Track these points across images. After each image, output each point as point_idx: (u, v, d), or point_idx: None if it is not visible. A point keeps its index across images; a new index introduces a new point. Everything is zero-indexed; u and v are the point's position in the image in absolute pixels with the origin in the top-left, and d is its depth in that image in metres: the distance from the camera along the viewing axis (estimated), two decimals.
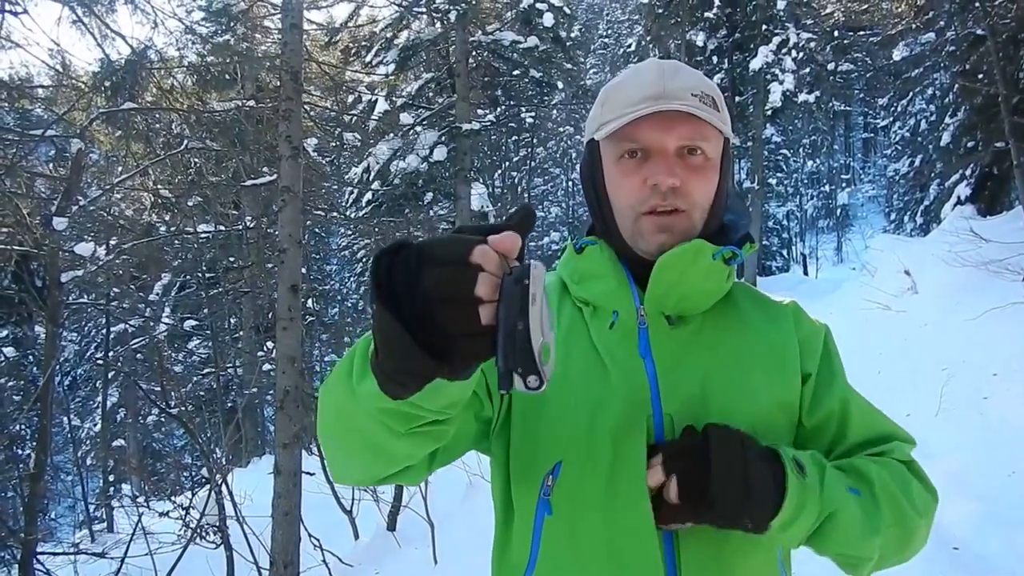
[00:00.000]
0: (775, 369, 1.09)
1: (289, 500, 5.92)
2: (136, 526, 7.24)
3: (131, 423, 18.27)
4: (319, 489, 7.04)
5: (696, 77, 1.08)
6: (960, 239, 8.33)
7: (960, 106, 12.68)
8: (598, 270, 1.12)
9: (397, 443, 0.87)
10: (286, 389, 5.88)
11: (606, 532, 1.01)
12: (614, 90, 1.10)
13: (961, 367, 6.24)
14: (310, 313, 17.55)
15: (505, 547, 1.12)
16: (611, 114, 1.07)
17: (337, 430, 0.94)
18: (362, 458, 0.96)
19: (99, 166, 11.32)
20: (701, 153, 1.05)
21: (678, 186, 1.03)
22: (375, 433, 0.85)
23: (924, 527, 1.08)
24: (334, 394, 0.90)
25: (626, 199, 1.07)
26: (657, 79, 1.05)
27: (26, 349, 14.26)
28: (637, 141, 1.05)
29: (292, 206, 5.91)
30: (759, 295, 1.19)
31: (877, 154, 34.69)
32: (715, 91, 1.08)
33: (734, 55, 17.94)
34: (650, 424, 1.02)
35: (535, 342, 0.64)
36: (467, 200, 12.13)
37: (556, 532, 1.04)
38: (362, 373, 0.81)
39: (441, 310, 0.66)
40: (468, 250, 0.66)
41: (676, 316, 1.09)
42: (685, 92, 1.03)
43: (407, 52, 12.39)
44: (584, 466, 1.03)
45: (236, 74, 11.48)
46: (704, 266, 1.05)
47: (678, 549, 1.00)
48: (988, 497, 4.37)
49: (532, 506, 1.06)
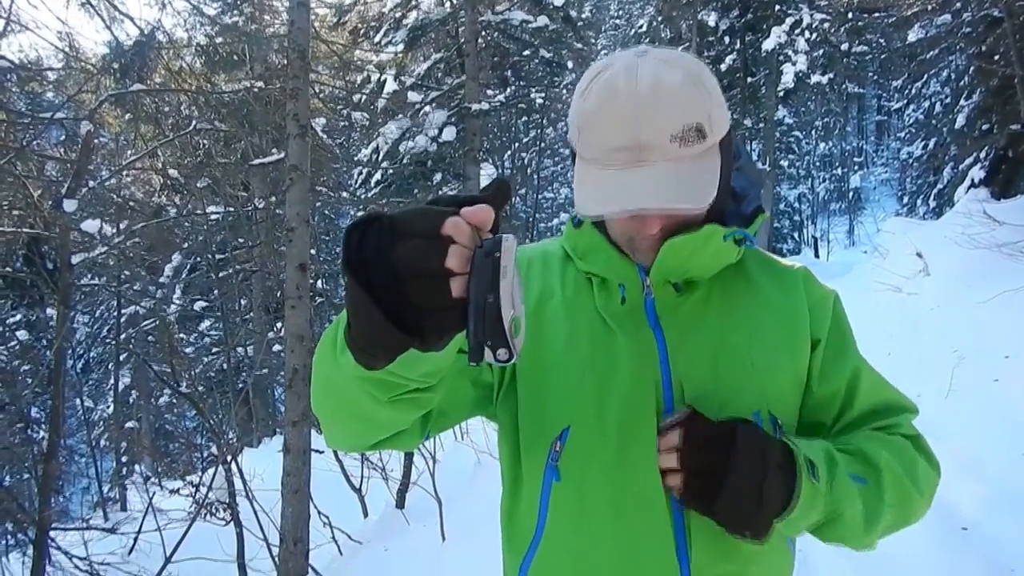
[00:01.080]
0: (785, 335, 1.08)
1: (298, 478, 5.94)
2: (148, 505, 7.31)
3: (143, 405, 18.40)
4: (328, 467, 7.08)
5: (676, 106, 0.93)
6: (973, 221, 8.27)
7: (975, 88, 12.55)
8: (598, 243, 1.10)
9: (381, 410, 0.87)
10: (295, 368, 5.89)
11: (615, 498, 1.01)
12: (588, 119, 0.98)
13: (972, 349, 6.20)
14: (320, 293, 17.57)
15: (514, 514, 1.12)
16: (586, 151, 0.98)
17: (326, 399, 0.95)
18: (351, 425, 0.97)
19: (108, 148, 11.35)
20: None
21: (666, 224, 1.01)
22: (360, 401, 0.86)
23: (924, 504, 1.08)
24: (321, 364, 0.90)
25: (616, 227, 1.07)
26: (632, 120, 0.92)
27: (39, 332, 14.37)
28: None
29: (300, 185, 5.89)
30: (769, 260, 1.17)
31: (890, 137, 34.39)
32: (700, 104, 0.95)
33: (746, 36, 17.78)
34: (659, 390, 1.02)
35: (505, 316, 0.64)
36: (476, 181, 12.09)
37: (564, 498, 1.04)
38: (342, 346, 0.81)
39: (412, 283, 0.66)
40: (439, 222, 0.66)
41: (683, 283, 1.07)
42: (663, 137, 0.92)
43: (416, 32, 12.33)
44: (592, 432, 1.02)
45: (244, 55, 11.46)
46: (714, 248, 1.04)
47: (688, 515, 1.00)
48: (997, 479, 4.35)
49: (540, 472, 1.05)
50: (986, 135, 11.57)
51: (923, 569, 3.65)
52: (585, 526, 1.03)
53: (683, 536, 1.00)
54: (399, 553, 5.91)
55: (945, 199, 15.22)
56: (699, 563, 1.00)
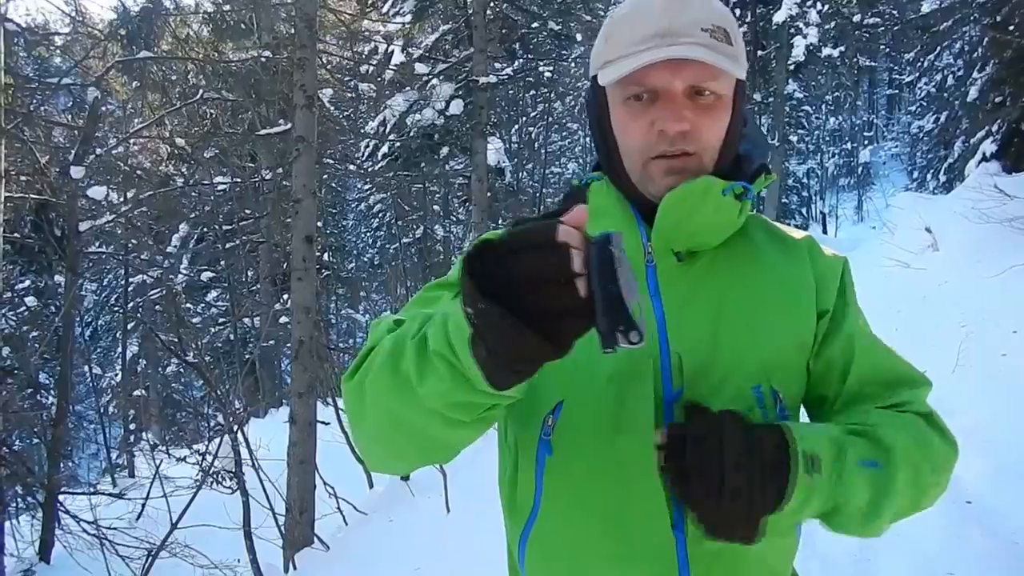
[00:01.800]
0: (789, 306, 1.05)
1: (304, 448, 5.99)
2: (155, 472, 7.38)
3: (151, 373, 18.53)
4: (334, 438, 7.13)
5: (706, 7, 1.00)
6: (984, 196, 8.20)
7: (988, 60, 12.37)
8: (603, 207, 1.09)
9: (458, 433, 0.88)
10: (301, 339, 5.91)
11: (608, 472, 0.99)
12: (618, 24, 1.03)
13: (980, 324, 6.17)
14: (326, 266, 17.61)
15: (512, 488, 1.10)
16: (615, 52, 1.01)
17: (386, 431, 0.93)
18: (413, 451, 0.97)
19: (116, 116, 11.33)
20: (711, 93, 1.00)
21: (687, 130, 0.98)
22: (433, 428, 0.86)
23: (941, 485, 1.05)
24: (381, 394, 0.89)
25: (634, 143, 1.02)
26: (664, 12, 0.97)
27: (47, 298, 14.43)
28: (643, 84, 0.99)
29: (306, 156, 5.88)
30: (775, 229, 1.15)
31: (901, 111, 34.09)
32: (728, 20, 1.00)
33: (757, 8, 17.54)
34: (657, 363, 0.99)
35: (629, 301, 0.68)
36: (483, 155, 12.02)
37: (557, 472, 1.02)
38: (421, 374, 0.81)
39: (544, 291, 0.69)
40: (553, 232, 0.69)
41: (686, 252, 1.05)
42: (695, 27, 0.96)
43: (424, 3, 12.23)
44: (586, 406, 1.00)
45: (252, 24, 11.39)
46: (713, 203, 1.01)
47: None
48: (1003, 453, 4.34)
49: (534, 447, 1.04)
50: (998, 108, 11.43)
51: (926, 542, 3.66)
52: (578, 500, 1.01)
53: (679, 510, 0.97)
54: (404, 524, 5.96)
55: (956, 173, 15.10)
56: (695, 537, 0.97)
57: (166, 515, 6.56)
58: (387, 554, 5.47)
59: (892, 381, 1.08)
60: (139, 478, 10.49)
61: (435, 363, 0.79)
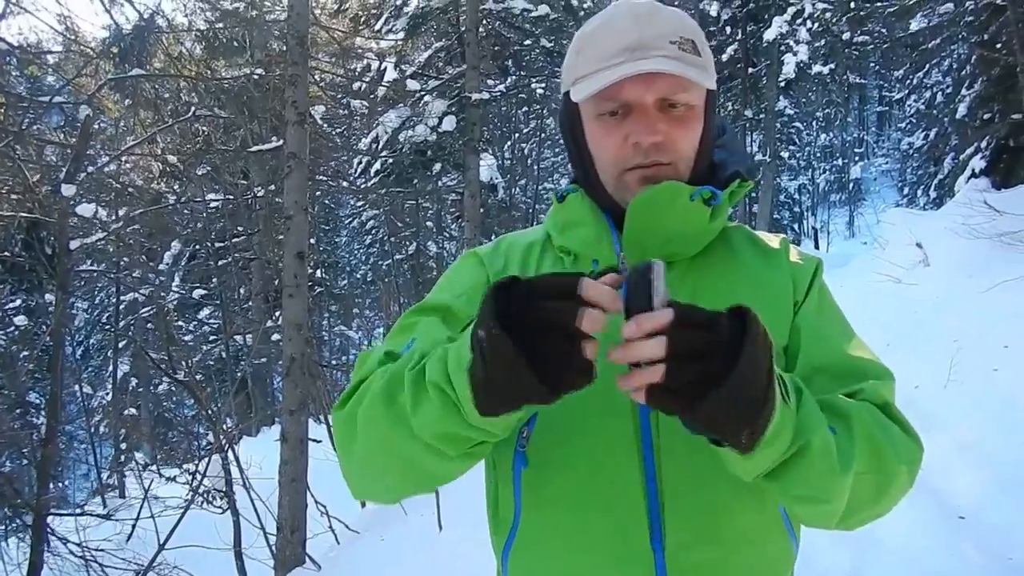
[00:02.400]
0: (767, 310, 1.03)
1: (295, 466, 5.95)
2: (146, 492, 7.32)
3: (143, 392, 18.41)
4: (326, 456, 7.06)
5: (675, 20, 1.02)
6: (974, 211, 8.24)
7: (977, 77, 12.48)
8: (579, 218, 1.10)
9: (446, 466, 0.91)
10: (292, 356, 5.89)
11: (583, 485, 0.99)
12: (588, 39, 1.06)
13: (972, 339, 6.19)
14: (319, 283, 17.57)
15: (494, 504, 1.11)
16: (586, 67, 1.03)
17: (376, 458, 0.95)
18: (402, 481, 0.99)
19: (108, 134, 11.32)
20: (683, 105, 1.02)
21: (660, 142, 1.00)
22: (422, 459, 0.89)
23: (906, 475, 0.97)
24: (374, 424, 0.91)
25: (608, 156, 1.04)
26: (632, 26, 1.00)
27: (38, 317, 14.35)
28: (616, 99, 1.01)
29: (298, 172, 5.88)
30: (755, 237, 1.16)
31: (891, 127, 34.29)
32: (695, 32, 1.03)
33: (748, 25, 17.68)
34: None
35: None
36: (476, 171, 12.04)
37: (533, 484, 1.02)
38: (416, 404, 0.85)
39: (554, 340, 0.73)
40: (575, 284, 0.73)
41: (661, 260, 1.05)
42: (663, 40, 0.99)
43: (417, 20, 12.28)
44: (560, 417, 0.99)
45: (245, 42, 11.41)
46: (681, 208, 1.02)
47: (663, 501, 0.97)
48: (996, 468, 4.34)
49: (509, 459, 1.04)
50: (987, 124, 11.51)
51: (921, 558, 3.65)
52: (556, 513, 1.01)
53: (657, 521, 0.97)
54: (396, 542, 5.91)
55: (946, 189, 15.19)
56: (675, 550, 0.96)
57: (156, 536, 6.50)
58: (379, 573, 5.42)
59: (844, 373, 1.02)
60: (130, 498, 10.39)
61: (430, 393, 0.83)
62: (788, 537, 1.05)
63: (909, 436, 1.00)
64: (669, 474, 0.97)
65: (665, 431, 0.98)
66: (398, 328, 1.09)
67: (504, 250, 1.17)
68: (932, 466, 4.39)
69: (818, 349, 1.03)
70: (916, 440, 1.01)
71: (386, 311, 18.68)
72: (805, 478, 0.86)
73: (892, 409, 1.01)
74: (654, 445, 0.98)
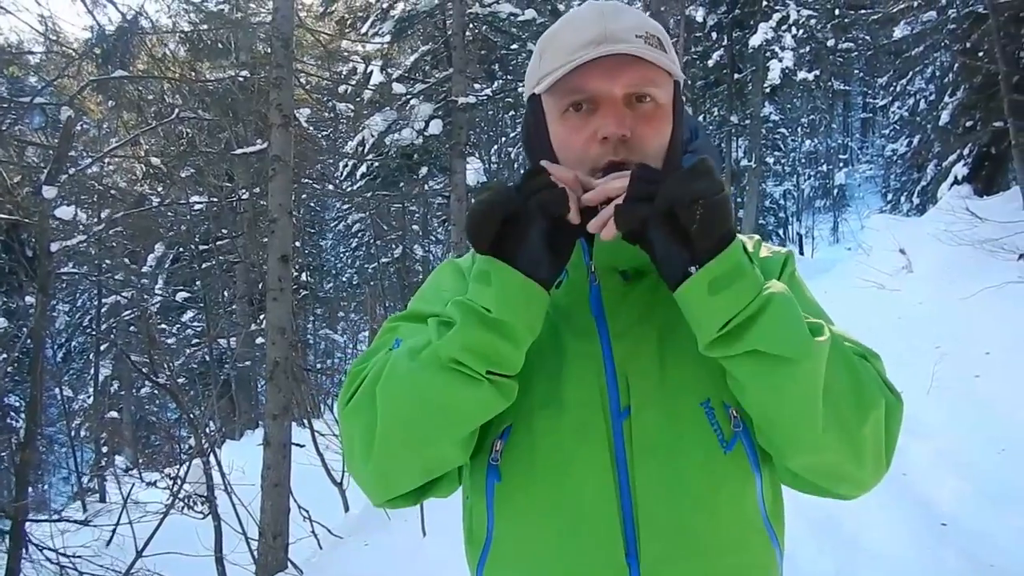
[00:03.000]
0: None
1: (278, 471, 5.91)
2: (126, 497, 7.24)
3: (124, 395, 18.26)
4: (309, 461, 7.04)
5: (639, 17, 1.01)
6: (956, 218, 8.32)
7: (959, 85, 12.59)
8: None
9: (477, 393, 0.90)
10: (276, 360, 5.84)
11: (559, 499, 0.97)
12: (552, 38, 1.03)
13: (954, 345, 6.23)
14: (304, 286, 17.51)
15: (468, 518, 1.09)
16: (551, 64, 1.00)
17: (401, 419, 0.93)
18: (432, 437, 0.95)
19: (91, 135, 11.23)
20: (651, 100, 0.99)
21: (628, 137, 0.97)
22: (453, 391, 0.90)
23: (888, 415, 0.96)
24: (397, 380, 0.93)
25: (574, 157, 1.00)
26: (597, 21, 0.98)
27: (18, 319, 14.20)
28: (582, 91, 0.98)
29: (283, 175, 5.84)
30: None
31: (875, 134, 34.52)
32: (661, 31, 1.01)
33: (734, 32, 17.77)
34: (602, 383, 0.98)
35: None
36: (463, 174, 12.04)
37: (505, 499, 1.00)
38: (440, 332, 0.91)
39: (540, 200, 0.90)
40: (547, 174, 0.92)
41: (632, 271, 1.03)
42: (629, 33, 0.96)
43: (403, 23, 12.27)
44: (533, 430, 0.98)
45: (229, 44, 11.35)
46: None
47: (637, 515, 0.95)
48: (978, 474, 4.36)
49: (482, 473, 1.02)
50: (969, 132, 11.61)
51: (903, 565, 3.66)
52: (530, 528, 0.99)
53: (632, 536, 0.95)
54: (379, 548, 5.87)
55: (929, 196, 15.29)
56: (651, 564, 0.94)
57: (135, 542, 6.43)
58: None
59: None
60: (110, 503, 10.30)
61: (452, 315, 0.91)
62: (770, 544, 1.03)
63: (891, 390, 1.00)
64: (643, 487, 0.95)
65: (639, 445, 0.96)
66: (383, 331, 1.09)
67: None
68: (915, 472, 4.42)
69: None
70: (897, 395, 1.00)
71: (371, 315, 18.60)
72: (773, 331, 0.86)
73: (874, 364, 1.02)
74: (627, 459, 0.96)
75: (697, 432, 0.96)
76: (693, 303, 0.88)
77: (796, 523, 3.88)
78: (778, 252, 1.12)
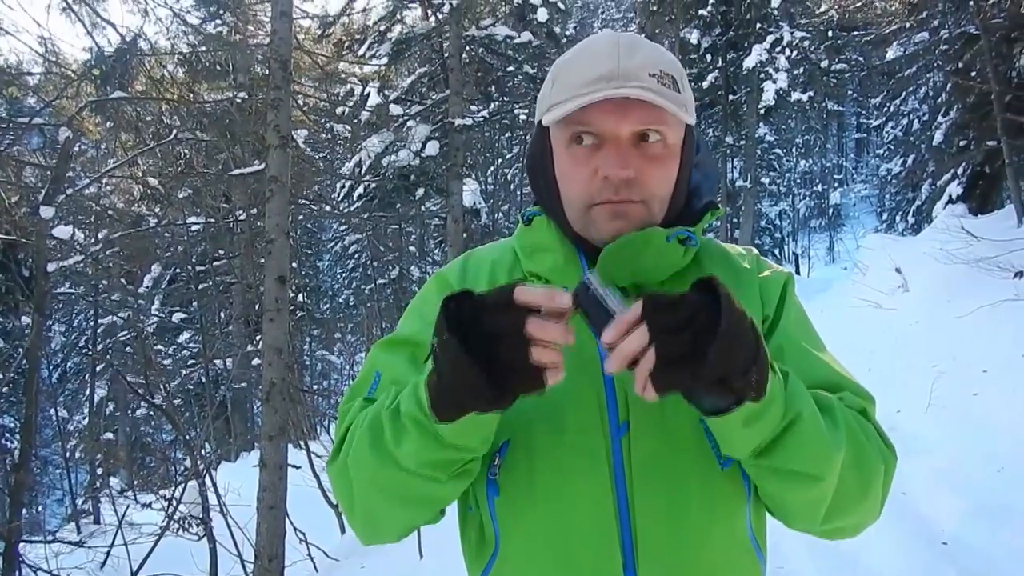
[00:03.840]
0: None
1: (274, 493, 5.86)
2: (122, 518, 7.18)
3: (120, 416, 18.17)
4: (305, 483, 6.99)
5: (655, 53, 0.99)
6: (952, 237, 8.35)
7: (953, 105, 12.70)
8: (546, 243, 1.07)
9: (443, 489, 0.94)
10: (272, 381, 5.81)
11: (558, 512, 0.97)
12: (565, 67, 1.02)
13: (951, 364, 6.23)
14: (301, 307, 17.48)
15: (479, 529, 1.07)
16: (561, 94, 0.99)
17: (375, 498, 0.98)
18: (405, 515, 1.02)
19: (88, 156, 11.26)
20: (660, 140, 0.98)
21: (632, 178, 0.96)
22: (419, 487, 0.92)
23: (884, 475, 0.97)
24: (365, 467, 0.95)
25: (576, 190, 1.00)
26: (611, 56, 0.96)
27: (14, 340, 14.15)
28: (588, 125, 0.97)
29: (280, 196, 5.84)
30: (727, 254, 1.13)
31: (870, 154, 34.76)
32: (676, 68, 0.99)
33: (728, 54, 17.93)
34: (601, 399, 0.98)
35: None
36: (459, 196, 12.07)
37: (506, 512, 1.00)
38: (397, 440, 0.89)
39: (502, 345, 0.77)
40: (510, 292, 0.78)
41: (632, 286, 1.03)
42: (642, 72, 0.95)
43: (400, 46, 12.33)
44: (532, 444, 0.98)
45: (228, 65, 11.41)
46: (656, 249, 1.00)
47: (635, 531, 0.95)
48: (977, 493, 4.35)
49: (482, 488, 1.02)
50: (963, 151, 11.70)
51: None
52: (529, 544, 0.99)
53: (631, 555, 0.95)
54: (376, 570, 5.84)
55: (923, 215, 15.39)
56: None
57: (129, 564, 6.38)
58: None
59: (826, 387, 1.01)
60: (104, 525, 10.21)
61: (407, 425, 0.87)
62: (758, 561, 1.04)
63: (885, 443, 1.00)
64: (642, 508, 0.95)
65: (638, 464, 0.96)
66: (369, 358, 1.12)
67: (472, 269, 1.15)
68: (915, 491, 4.40)
69: (796, 369, 0.99)
70: (892, 448, 1.01)
71: (368, 336, 18.60)
72: (798, 450, 0.88)
73: (871, 418, 1.02)
74: (626, 478, 0.96)
75: (695, 449, 0.97)
76: (725, 431, 0.88)
77: (795, 542, 3.87)
78: (778, 272, 1.12)
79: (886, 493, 1.00)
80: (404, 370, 1.04)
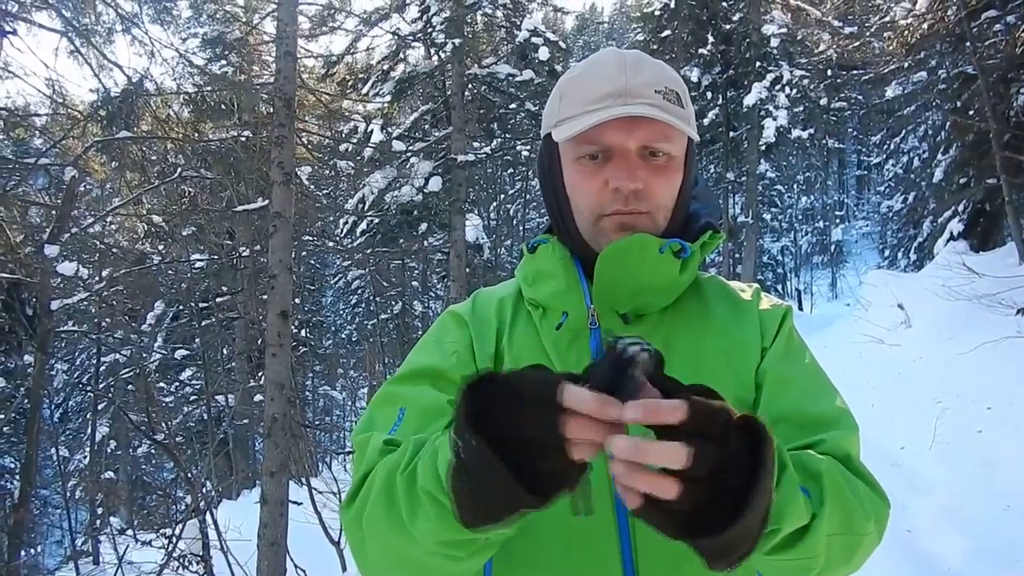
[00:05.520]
0: (736, 364, 1.04)
1: (275, 530, 5.82)
2: (121, 557, 7.11)
3: (121, 455, 18.07)
4: (306, 519, 6.94)
5: (659, 71, 1.04)
6: (953, 273, 8.35)
7: (952, 143, 12.78)
8: (549, 269, 1.09)
9: (459, 566, 0.86)
10: (274, 416, 5.81)
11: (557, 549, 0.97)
12: (573, 83, 1.06)
13: (955, 400, 6.20)
14: (303, 343, 17.47)
15: None
16: (570, 111, 1.03)
17: (389, 562, 0.92)
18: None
19: (93, 195, 11.35)
20: (664, 154, 1.02)
21: (640, 189, 1.00)
22: (434, 562, 0.84)
23: (874, 533, 0.94)
24: (378, 531, 0.89)
25: (586, 202, 1.04)
26: (618, 73, 1.01)
27: (16, 379, 14.13)
28: (597, 143, 1.01)
29: (283, 232, 5.89)
30: (728, 289, 1.15)
31: (871, 191, 34.88)
32: (679, 85, 1.04)
33: (728, 91, 18.10)
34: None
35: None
36: (462, 231, 12.14)
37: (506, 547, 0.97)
38: (412, 513, 0.81)
39: (537, 448, 0.66)
40: (555, 391, 0.65)
41: (633, 314, 1.05)
42: (648, 89, 1.00)
43: (403, 84, 12.49)
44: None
45: (232, 104, 11.55)
46: (651, 260, 1.02)
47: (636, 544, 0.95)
48: (981, 530, 4.31)
49: None
50: (964, 189, 11.75)
51: None
52: (526, 564, 0.99)
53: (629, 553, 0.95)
54: None
55: (925, 252, 15.40)
56: None
57: None
58: None
59: (806, 423, 0.99)
60: (104, 564, 10.11)
61: (424, 502, 0.79)
62: None
63: (875, 492, 0.98)
64: (643, 540, 0.95)
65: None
66: (383, 397, 1.06)
67: (480, 307, 1.15)
68: (920, 528, 4.36)
69: (781, 398, 1.01)
70: (882, 496, 0.98)
71: (371, 371, 18.53)
72: (782, 559, 0.84)
73: (855, 462, 0.98)
74: (630, 528, 0.96)
75: None
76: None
77: None
78: (778, 305, 1.13)
79: (878, 542, 0.97)
80: (429, 400, 1.01)
